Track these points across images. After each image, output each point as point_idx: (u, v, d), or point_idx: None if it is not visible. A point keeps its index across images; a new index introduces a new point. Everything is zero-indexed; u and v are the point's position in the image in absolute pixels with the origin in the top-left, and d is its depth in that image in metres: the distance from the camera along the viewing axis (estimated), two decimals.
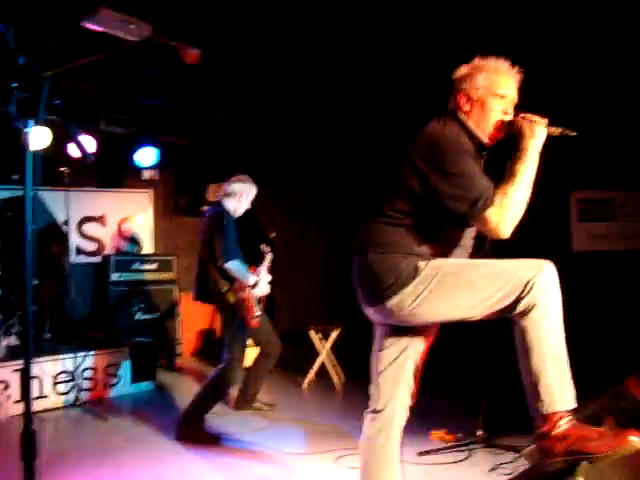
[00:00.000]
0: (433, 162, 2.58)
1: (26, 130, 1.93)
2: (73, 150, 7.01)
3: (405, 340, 2.85)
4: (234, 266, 5.05)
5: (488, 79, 2.70)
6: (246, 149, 8.14)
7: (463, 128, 2.71)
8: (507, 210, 2.50)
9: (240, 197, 5.33)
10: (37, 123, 1.92)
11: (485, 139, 2.74)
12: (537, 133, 2.59)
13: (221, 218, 5.15)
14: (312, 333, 6.66)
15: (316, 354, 6.64)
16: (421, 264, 2.60)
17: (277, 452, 4.54)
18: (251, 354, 5.71)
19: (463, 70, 2.78)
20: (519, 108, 2.73)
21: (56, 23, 4.85)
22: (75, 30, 4.77)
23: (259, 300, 5.37)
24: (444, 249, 2.71)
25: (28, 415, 1.95)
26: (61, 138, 6.51)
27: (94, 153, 6.89)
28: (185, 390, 6.54)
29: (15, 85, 1.88)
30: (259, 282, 5.33)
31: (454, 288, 2.60)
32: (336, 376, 6.71)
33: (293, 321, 7.64)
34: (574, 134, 2.67)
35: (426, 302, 2.60)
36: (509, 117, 2.70)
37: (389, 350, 2.86)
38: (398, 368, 2.85)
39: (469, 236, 2.83)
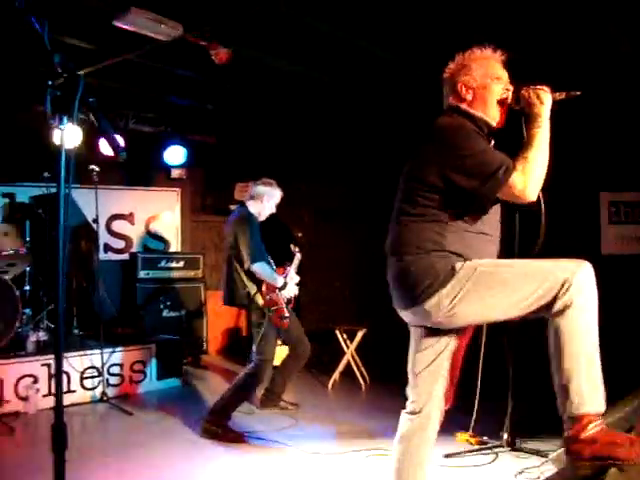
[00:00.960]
0: (446, 152, 2.61)
1: (60, 128, 1.94)
2: (103, 148, 7.09)
3: (442, 342, 2.82)
4: (261, 268, 5.06)
5: (483, 66, 2.78)
6: (274, 149, 8.17)
7: (468, 117, 2.75)
8: (530, 174, 2.54)
9: (264, 200, 5.34)
10: (71, 121, 1.94)
11: (492, 122, 2.78)
12: (544, 99, 2.64)
13: (246, 220, 5.16)
14: (338, 333, 6.66)
15: (342, 354, 6.63)
16: (458, 265, 2.59)
17: (302, 451, 4.54)
18: (280, 353, 5.75)
19: (453, 66, 2.84)
20: None
21: (88, 22, 4.89)
22: (107, 29, 4.82)
23: (288, 301, 5.37)
24: (475, 242, 2.69)
25: (59, 408, 1.97)
26: (91, 136, 6.57)
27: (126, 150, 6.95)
28: (210, 387, 6.59)
29: (50, 83, 1.90)
30: (288, 283, 5.32)
31: (491, 288, 2.58)
32: (361, 376, 6.69)
33: (319, 321, 7.64)
34: (578, 94, 2.70)
35: (463, 303, 2.58)
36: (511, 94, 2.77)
37: (426, 352, 2.84)
38: (435, 370, 2.82)
39: (496, 226, 2.82)
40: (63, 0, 4.46)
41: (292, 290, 5.41)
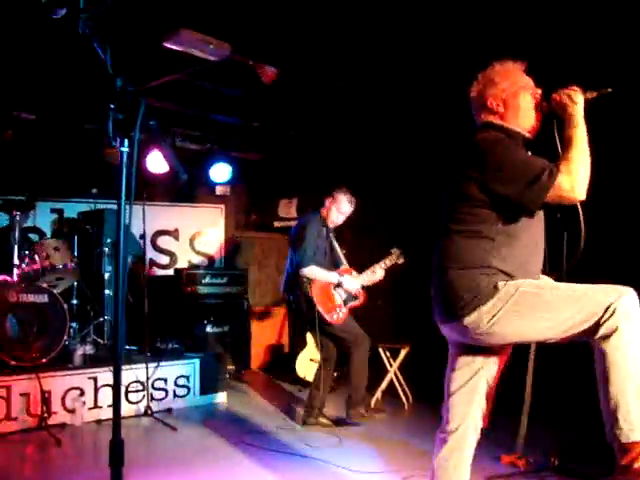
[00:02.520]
0: (486, 165, 2.60)
1: (122, 149, 2.00)
2: (150, 165, 7.23)
3: (479, 361, 2.80)
4: (310, 272, 5.20)
5: (507, 77, 2.81)
6: (319, 165, 8.20)
7: (502, 131, 2.75)
8: (576, 173, 2.52)
9: (332, 207, 5.50)
10: (132, 143, 2.00)
11: (526, 133, 2.79)
12: (576, 99, 2.63)
13: (305, 225, 5.33)
14: (381, 351, 6.62)
15: (384, 372, 6.59)
16: (500, 283, 2.58)
17: (344, 469, 4.50)
18: (311, 368, 5.75)
19: (478, 84, 2.88)
20: None
21: (139, 43, 4.99)
22: (156, 50, 4.92)
23: (346, 301, 5.48)
24: (521, 256, 2.67)
25: (117, 424, 2.00)
26: (139, 154, 6.68)
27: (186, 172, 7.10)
28: (252, 403, 6.60)
29: (112, 106, 1.96)
30: (344, 282, 5.41)
31: (532, 308, 2.56)
32: (404, 395, 6.63)
33: None
34: (610, 91, 2.69)
35: (503, 321, 2.56)
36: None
37: (462, 371, 2.82)
38: (471, 389, 2.80)
39: (541, 236, 2.81)
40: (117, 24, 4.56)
41: (353, 286, 5.52)
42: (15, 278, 5.87)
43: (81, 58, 5.48)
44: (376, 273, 5.67)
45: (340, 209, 5.52)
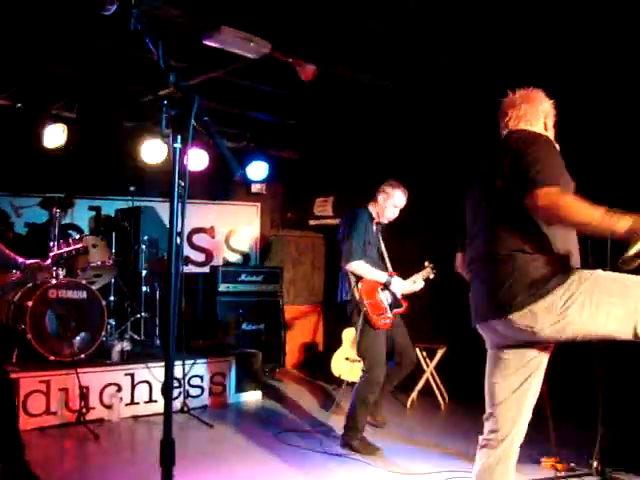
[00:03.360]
0: (520, 153, 2.62)
1: (175, 146, 1.99)
2: (188, 162, 7.23)
3: (528, 368, 2.73)
4: (355, 267, 4.90)
5: (545, 100, 2.97)
6: (356, 164, 8.16)
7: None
8: (562, 206, 2.44)
9: (382, 202, 5.14)
10: (185, 140, 1.98)
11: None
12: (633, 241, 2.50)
13: (353, 220, 5.04)
14: (418, 351, 6.56)
15: (421, 372, 6.53)
16: (572, 272, 2.55)
17: (381, 470, 4.47)
18: (347, 367, 5.67)
19: (519, 96, 2.97)
20: None
21: (180, 41, 5.00)
22: (196, 47, 4.91)
23: (392, 305, 5.11)
24: (563, 247, 2.63)
25: (168, 423, 1.99)
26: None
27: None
28: (287, 401, 6.60)
29: (165, 102, 1.95)
30: (392, 283, 5.08)
31: (607, 292, 2.53)
32: (440, 395, 6.57)
33: None
34: None
35: (575, 309, 2.52)
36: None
37: (511, 378, 2.75)
38: (520, 397, 2.73)
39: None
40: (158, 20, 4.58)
41: (400, 289, 5.16)
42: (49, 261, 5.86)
43: (120, 55, 5.56)
44: (416, 283, 5.34)
45: (396, 203, 5.16)
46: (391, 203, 5.14)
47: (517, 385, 2.73)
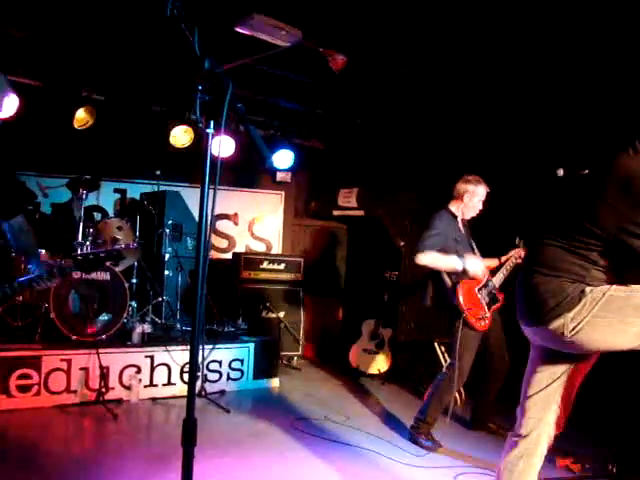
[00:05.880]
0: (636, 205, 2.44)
1: (208, 132, 2.00)
2: (214, 149, 7.25)
3: (560, 367, 2.73)
4: (425, 257, 4.70)
5: None
6: (382, 156, 8.13)
7: None
8: None
9: (464, 199, 5.02)
10: (219, 126, 1.99)
11: None
12: None
13: (433, 217, 4.92)
14: (436, 345, 6.56)
15: (438, 367, 6.52)
16: (587, 289, 2.51)
17: (394, 462, 4.49)
18: (365, 358, 5.61)
19: None
20: None
21: (213, 28, 5.00)
22: (227, 34, 4.92)
23: (489, 304, 4.97)
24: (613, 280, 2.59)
25: (191, 403, 2.01)
26: (201, 136, 6.74)
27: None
28: (304, 390, 6.61)
29: (200, 88, 1.96)
30: (467, 263, 4.82)
31: (620, 312, 2.49)
32: (457, 392, 6.55)
33: (418, 332, 7.56)
34: None
35: (589, 327, 2.50)
36: None
37: (541, 375, 2.75)
38: (549, 394, 2.74)
39: None
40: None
41: (476, 267, 4.87)
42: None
43: (153, 40, 5.58)
44: (508, 270, 5.16)
45: (482, 197, 5.02)
46: (477, 199, 5.03)
47: (546, 383, 2.74)
